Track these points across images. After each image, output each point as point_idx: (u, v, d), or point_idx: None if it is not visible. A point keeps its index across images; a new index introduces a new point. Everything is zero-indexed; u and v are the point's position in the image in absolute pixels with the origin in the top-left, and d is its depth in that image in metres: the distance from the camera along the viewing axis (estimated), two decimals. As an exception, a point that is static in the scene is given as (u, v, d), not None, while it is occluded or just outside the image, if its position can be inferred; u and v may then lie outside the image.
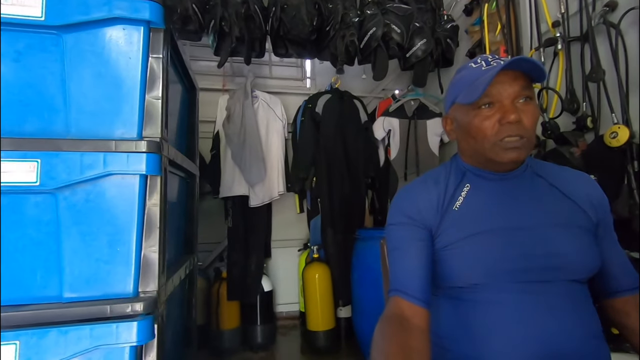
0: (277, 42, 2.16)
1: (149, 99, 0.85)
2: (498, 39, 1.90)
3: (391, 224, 0.78)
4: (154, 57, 0.86)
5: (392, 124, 2.37)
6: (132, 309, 0.79)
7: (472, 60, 0.75)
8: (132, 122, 0.83)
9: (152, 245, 0.85)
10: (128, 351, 0.77)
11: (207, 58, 2.68)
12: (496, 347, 0.65)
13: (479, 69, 0.71)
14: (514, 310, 0.66)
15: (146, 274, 0.84)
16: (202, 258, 2.58)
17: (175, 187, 1.22)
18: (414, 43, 2.12)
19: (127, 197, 0.82)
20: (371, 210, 2.64)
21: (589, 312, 0.68)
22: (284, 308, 2.77)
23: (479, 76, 0.69)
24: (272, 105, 2.47)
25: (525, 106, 0.68)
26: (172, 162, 1.00)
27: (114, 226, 0.82)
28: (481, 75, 0.69)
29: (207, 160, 2.47)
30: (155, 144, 0.84)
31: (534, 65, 0.66)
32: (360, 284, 2.10)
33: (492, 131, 0.68)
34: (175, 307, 1.24)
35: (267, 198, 2.35)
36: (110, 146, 0.80)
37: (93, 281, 0.80)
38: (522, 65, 0.66)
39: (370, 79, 2.28)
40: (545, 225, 0.70)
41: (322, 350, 2.19)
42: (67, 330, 0.74)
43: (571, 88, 1.47)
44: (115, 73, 0.83)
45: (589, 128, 1.39)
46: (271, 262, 2.73)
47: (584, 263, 0.69)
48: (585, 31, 1.41)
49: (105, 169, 0.79)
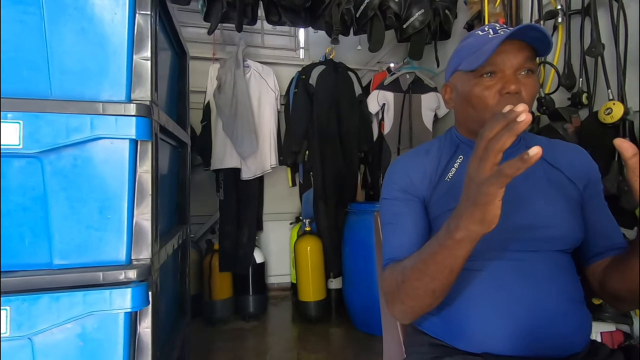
0: (270, 9, 2.07)
1: (138, 59, 0.81)
2: (497, 11, 1.85)
3: (385, 197, 0.79)
4: (141, 14, 0.80)
5: (386, 98, 2.33)
6: (126, 276, 0.78)
7: (479, 28, 0.74)
8: (119, 83, 0.79)
9: (144, 213, 0.83)
10: (123, 317, 0.77)
11: (196, 24, 2.57)
12: (481, 311, 0.67)
13: (486, 37, 0.69)
14: (499, 278, 0.67)
15: (139, 242, 0.83)
16: (194, 230, 2.58)
17: (166, 155, 1.19)
18: (411, 13, 2.06)
19: (117, 163, 0.79)
20: (363, 184, 2.65)
21: (572, 280, 0.71)
22: (276, 280, 2.82)
23: (485, 43, 0.68)
24: (264, 76, 2.40)
25: (526, 79, 0.68)
26: (163, 129, 0.96)
27: (104, 192, 0.80)
28: (488, 42, 0.67)
29: (198, 131, 2.41)
30: (145, 107, 0.80)
31: (542, 34, 0.65)
32: (351, 256, 2.14)
33: (493, 101, 0.68)
34: (168, 275, 1.24)
35: (260, 171, 2.33)
36: (97, 108, 0.76)
37: (84, 248, 0.79)
38: (529, 34, 0.65)
39: (365, 50, 2.22)
40: (535, 197, 0.71)
41: (313, 320, 2.25)
42: (59, 297, 0.73)
43: (569, 63, 1.45)
44: (100, 30, 0.78)
45: (584, 104, 1.39)
46: (263, 235, 2.75)
47: (569, 234, 0.70)
48: (587, 4, 1.38)
49: (93, 133, 0.76)
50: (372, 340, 1.97)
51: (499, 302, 0.67)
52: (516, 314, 0.65)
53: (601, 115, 1.23)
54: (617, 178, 1.21)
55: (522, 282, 0.67)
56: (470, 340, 0.67)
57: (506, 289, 0.67)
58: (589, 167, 0.77)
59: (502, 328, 0.65)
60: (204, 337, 2.09)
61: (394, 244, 0.73)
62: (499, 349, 0.65)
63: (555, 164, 0.76)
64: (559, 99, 1.47)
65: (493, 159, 0.47)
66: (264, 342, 2.06)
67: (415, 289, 0.63)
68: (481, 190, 0.48)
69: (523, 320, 0.65)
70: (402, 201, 0.75)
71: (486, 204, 0.48)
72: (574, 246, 0.72)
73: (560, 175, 0.74)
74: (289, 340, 2.09)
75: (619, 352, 0.69)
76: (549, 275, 0.68)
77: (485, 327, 0.66)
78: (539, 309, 0.65)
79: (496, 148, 0.46)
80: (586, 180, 0.75)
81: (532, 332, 0.64)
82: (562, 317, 0.66)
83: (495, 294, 0.67)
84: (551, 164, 0.76)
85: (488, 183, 0.47)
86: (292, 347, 1.99)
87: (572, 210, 0.72)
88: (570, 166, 0.75)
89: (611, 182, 1.21)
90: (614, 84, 1.27)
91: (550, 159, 0.76)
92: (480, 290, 0.68)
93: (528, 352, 0.64)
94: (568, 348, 0.66)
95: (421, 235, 0.72)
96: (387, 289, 0.70)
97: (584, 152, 0.80)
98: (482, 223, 0.50)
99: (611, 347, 0.72)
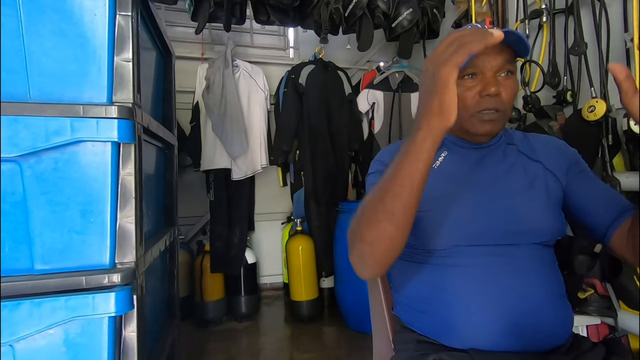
0: (258, 8, 2.06)
1: (119, 61, 0.80)
2: (484, 10, 1.87)
3: (370, 172, 0.80)
4: (122, 15, 0.79)
5: (376, 97, 2.34)
6: (109, 280, 0.77)
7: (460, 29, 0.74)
8: (100, 85, 0.78)
9: (128, 216, 0.82)
10: (107, 322, 0.76)
11: (184, 24, 2.55)
12: (466, 307, 0.68)
13: None
14: (482, 272, 0.68)
15: (123, 245, 0.82)
16: (185, 232, 2.56)
17: (152, 157, 1.18)
18: (399, 12, 2.07)
19: (99, 166, 0.78)
20: (354, 183, 2.65)
21: (554, 274, 0.72)
22: (268, 280, 2.82)
23: None
24: (253, 76, 2.39)
25: (506, 80, 0.69)
26: (146, 130, 0.95)
27: (86, 196, 0.79)
28: None
29: (187, 132, 2.39)
30: (127, 109, 0.79)
31: (520, 39, 0.66)
32: (343, 255, 2.14)
33: (472, 102, 0.69)
34: (156, 278, 1.23)
35: (250, 171, 2.32)
36: (77, 111, 0.75)
37: (66, 252, 0.78)
38: (508, 38, 0.66)
39: (354, 49, 2.22)
40: (515, 191, 0.72)
41: (305, 319, 2.25)
42: (40, 302, 0.72)
43: (554, 61, 1.47)
44: (80, 31, 0.77)
45: (568, 102, 1.41)
46: (255, 235, 2.74)
47: (550, 227, 0.71)
48: (571, 3, 1.40)
49: (74, 136, 0.75)
50: (364, 339, 1.98)
51: (482, 297, 0.68)
52: (500, 309, 0.66)
53: (585, 112, 1.25)
54: (601, 174, 1.23)
55: (505, 277, 0.68)
56: (457, 337, 0.68)
57: (490, 285, 0.68)
58: (567, 153, 0.78)
59: (487, 323, 0.66)
60: (197, 339, 2.08)
61: None
62: (485, 344, 0.66)
63: (533, 156, 0.77)
64: (545, 97, 1.49)
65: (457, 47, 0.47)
66: (257, 342, 2.06)
67: (374, 212, 0.56)
68: (437, 74, 0.48)
69: (507, 315, 0.66)
70: None
71: (442, 88, 0.47)
72: (554, 238, 0.74)
73: (539, 167, 0.76)
74: (282, 340, 2.09)
75: (601, 345, 0.71)
76: (531, 270, 0.69)
77: (470, 323, 0.67)
78: (522, 304, 0.66)
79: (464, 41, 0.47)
80: (566, 166, 0.76)
81: (516, 326, 0.65)
82: (545, 311, 0.67)
83: (479, 290, 0.68)
84: (530, 157, 0.77)
85: (444, 63, 0.47)
86: (285, 347, 1.99)
87: (552, 203, 0.73)
88: (549, 157, 0.76)
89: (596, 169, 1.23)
90: (596, 82, 1.29)
91: (529, 153, 0.77)
92: (464, 286, 0.69)
93: (513, 346, 0.65)
94: (551, 341, 0.68)
95: None
96: (349, 233, 0.63)
97: (560, 141, 0.81)
98: (440, 114, 0.48)
99: (596, 340, 0.74)
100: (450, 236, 0.70)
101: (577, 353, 0.68)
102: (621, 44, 1.24)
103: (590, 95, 1.29)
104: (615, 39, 1.26)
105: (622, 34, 1.23)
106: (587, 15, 1.34)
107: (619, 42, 1.25)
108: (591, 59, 1.32)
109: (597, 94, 1.28)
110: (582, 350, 0.69)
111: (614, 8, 1.27)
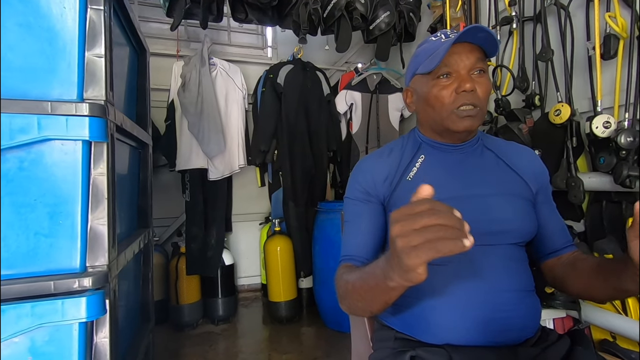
0: (236, 6, 2.03)
1: (90, 56, 0.77)
2: (458, 15, 1.93)
3: (347, 197, 0.82)
4: (93, 9, 0.76)
5: (354, 98, 2.36)
6: (80, 284, 0.74)
7: (433, 34, 0.78)
8: (70, 81, 0.75)
9: (100, 217, 0.79)
10: (77, 328, 0.73)
11: (158, 19, 2.48)
12: (441, 304, 0.70)
13: (439, 41, 0.74)
14: (458, 271, 0.71)
15: (94, 248, 0.79)
16: (159, 233, 2.49)
17: (125, 156, 1.14)
18: (377, 15, 2.10)
19: (69, 166, 0.75)
20: (332, 183, 2.67)
21: (525, 271, 0.76)
22: (246, 281, 2.78)
23: (438, 47, 0.72)
24: (231, 74, 2.35)
25: (479, 78, 0.72)
26: (120, 129, 0.92)
27: (55, 197, 0.75)
28: (440, 46, 0.72)
29: (162, 131, 2.33)
30: (99, 107, 0.76)
31: (488, 35, 0.69)
32: (321, 255, 2.15)
33: (449, 99, 0.72)
34: (129, 282, 1.19)
35: (228, 171, 2.28)
36: (45, 108, 0.71)
37: (32, 256, 0.74)
38: (478, 35, 0.69)
39: (333, 50, 2.23)
40: (491, 194, 0.75)
41: (284, 320, 2.24)
42: (4, 309, 0.68)
43: (523, 67, 1.54)
44: (48, 25, 0.73)
45: (536, 106, 1.47)
46: (232, 236, 2.70)
47: (524, 228, 0.75)
48: (539, 11, 1.47)
49: (41, 134, 0.71)
50: (342, 338, 2.00)
51: (457, 295, 0.70)
52: (473, 305, 0.69)
53: (551, 116, 1.31)
54: (565, 174, 1.30)
55: (479, 276, 0.70)
56: (433, 333, 0.70)
57: (464, 282, 0.70)
58: (541, 172, 0.83)
59: (461, 320, 0.69)
60: (172, 344, 2.02)
61: (350, 243, 0.77)
62: (459, 339, 0.68)
63: (510, 164, 0.80)
64: (515, 101, 1.56)
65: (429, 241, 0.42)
66: (234, 345, 2.03)
67: (356, 302, 0.66)
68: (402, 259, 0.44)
69: (479, 311, 0.69)
70: (362, 202, 0.79)
71: (407, 271, 0.45)
72: (527, 239, 0.77)
73: (515, 176, 0.79)
74: (260, 342, 2.07)
75: (566, 336, 0.75)
76: (503, 268, 0.72)
77: (445, 319, 0.69)
78: (494, 300, 0.69)
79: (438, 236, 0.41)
80: (538, 185, 0.80)
81: (488, 321, 0.68)
82: (515, 305, 0.70)
83: (454, 288, 0.70)
84: (507, 164, 0.80)
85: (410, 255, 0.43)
86: (263, 349, 1.98)
87: (525, 206, 0.77)
88: (524, 168, 0.80)
89: (561, 178, 1.30)
90: (562, 87, 1.36)
91: (507, 161, 0.81)
92: (440, 284, 0.71)
93: (485, 341, 0.68)
94: (521, 334, 0.71)
95: (376, 236, 0.77)
96: (338, 288, 0.73)
97: (535, 155, 0.86)
98: (410, 282, 0.47)
99: (561, 332, 0.78)
100: None
101: (544, 345, 0.71)
102: (584, 51, 1.31)
103: (556, 99, 1.36)
104: (579, 46, 1.33)
105: (584, 42, 1.31)
106: (554, 24, 1.41)
107: (582, 50, 1.32)
108: (557, 65, 1.38)
109: (563, 99, 1.35)
110: (549, 342, 0.72)
111: (577, 18, 1.34)
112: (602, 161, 1.18)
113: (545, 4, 1.43)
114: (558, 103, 1.32)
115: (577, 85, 1.34)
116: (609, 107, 1.22)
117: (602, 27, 1.23)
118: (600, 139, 1.17)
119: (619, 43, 1.18)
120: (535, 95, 1.47)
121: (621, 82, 1.18)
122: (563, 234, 0.81)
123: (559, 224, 0.81)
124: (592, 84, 1.26)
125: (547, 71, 1.43)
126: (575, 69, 1.34)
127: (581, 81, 1.33)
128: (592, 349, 0.72)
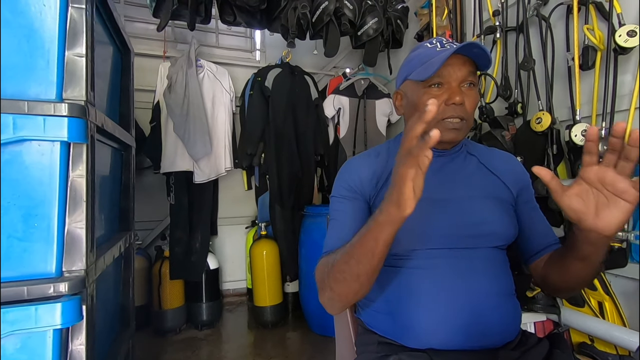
0: (224, 8, 2.02)
1: (70, 55, 0.75)
2: (444, 24, 1.97)
3: (334, 195, 0.82)
4: (75, 7, 0.74)
5: (342, 103, 2.37)
6: (55, 289, 0.72)
7: (427, 40, 0.78)
8: (49, 81, 0.73)
9: (77, 220, 0.77)
10: (51, 335, 0.71)
11: (145, 19, 2.45)
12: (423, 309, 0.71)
13: (434, 50, 0.74)
14: (440, 274, 0.71)
15: (71, 252, 0.76)
16: (142, 237, 2.44)
17: (106, 158, 1.11)
18: (365, 21, 2.12)
19: (45, 167, 0.73)
20: (319, 187, 2.66)
21: (505, 274, 0.77)
22: (231, 285, 2.75)
23: (433, 56, 0.72)
24: (218, 77, 2.33)
25: (469, 91, 0.73)
26: (101, 130, 0.90)
27: (30, 199, 0.73)
28: (435, 55, 0.72)
29: (147, 132, 2.29)
30: (79, 107, 0.74)
31: (483, 52, 0.70)
32: (308, 259, 2.14)
33: (438, 110, 0.72)
34: (108, 287, 1.16)
35: (214, 174, 2.26)
36: (21, 107, 0.69)
37: (5, 260, 0.71)
38: (473, 51, 0.70)
39: (321, 55, 2.24)
40: (473, 198, 0.77)
41: (269, 325, 2.22)
42: (-27, 316, 0.65)
43: (506, 75, 1.58)
44: (26, 22, 0.71)
45: (519, 113, 1.51)
46: (217, 240, 2.67)
47: (505, 231, 0.76)
48: (521, 22, 1.51)
49: (17, 134, 0.69)
50: (327, 343, 1.99)
51: (439, 299, 0.70)
52: (454, 309, 0.69)
53: (533, 124, 1.34)
54: (546, 181, 1.33)
55: (460, 279, 0.71)
56: (415, 337, 0.70)
57: (446, 286, 0.71)
58: (522, 175, 0.84)
59: (443, 324, 0.69)
60: (154, 349, 1.98)
61: (332, 237, 0.77)
62: (441, 343, 0.69)
63: (492, 170, 0.82)
64: (498, 108, 1.59)
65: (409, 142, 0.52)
66: (218, 351, 1.99)
67: (342, 272, 0.66)
68: (396, 171, 0.54)
69: (461, 315, 0.69)
70: (348, 199, 0.78)
71: (400, 184, 0.53)
72: (508, 242, 0.78)
73: (496, 180, 0.81)
74: (244, 347, 2.04)
75: (546, 340, 0.76)
76: (484, 271, 0.73)
77: (428, 323, 0.70)
78: (475, 304, 0.70)
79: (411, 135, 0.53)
80: (519, 188, 0.82)
81: (469, 325, 0.69)
82: (495, 309, 0.71)
83: (436, 292, 0.71)
84: (489, 169, 0.82)
85: (401, 163, 0.53)
86: (248, 354, 1.95)
87: (506, 210, 0.78)
88: (506, 173, 0.82)
89: (542, 184, 1.33)
90: (543, 95, 1.39)
91: (489, 165, 0.83)
92: (423, 288, 0.71)
93: (466, 345, 0.69)
94: (502, 338, 0.72)
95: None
96: (318, 277, 0.73)
97: (516, 160, 0.88)
98: (398, 205, 0.54)
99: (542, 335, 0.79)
100: (409, 241, 0.72)
101: (524, 348, 0.72)
102: (564, 61, 1.35)
103: (537, 107, 1.40)
104: (559, 57, 1.37)
105: (564, 52, 1.35)
106: (536, 34, 1.45)
107: (562, 60, 1.36)
108: (538, 74, 1.42)
109: (544, 107, 1.38)
110: (529, 345, 0.74)
111: (558, 29, 1.38)
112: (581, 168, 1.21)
113: (527, 15, 1.47)
114: (539, 111, 1.36)
115: (557, 94, 1.38)
116: (587, 116, 1.26)
117: (581, 38, 1.26)
118: (579, 147, 1.21)
119: (597, 54, 1.22)
120: (517, 103, 1.50)
121: (598, 92, 1.22)
122: (547, 234, 0.81)
123: (542, 223, 0.82)
124: (571, 93, 1.30)
125: (529, 80, 1.46)
126: (555, 78, 1.38)
127: (561, 90, 1.37)
128: (571, 351, 0.73)
